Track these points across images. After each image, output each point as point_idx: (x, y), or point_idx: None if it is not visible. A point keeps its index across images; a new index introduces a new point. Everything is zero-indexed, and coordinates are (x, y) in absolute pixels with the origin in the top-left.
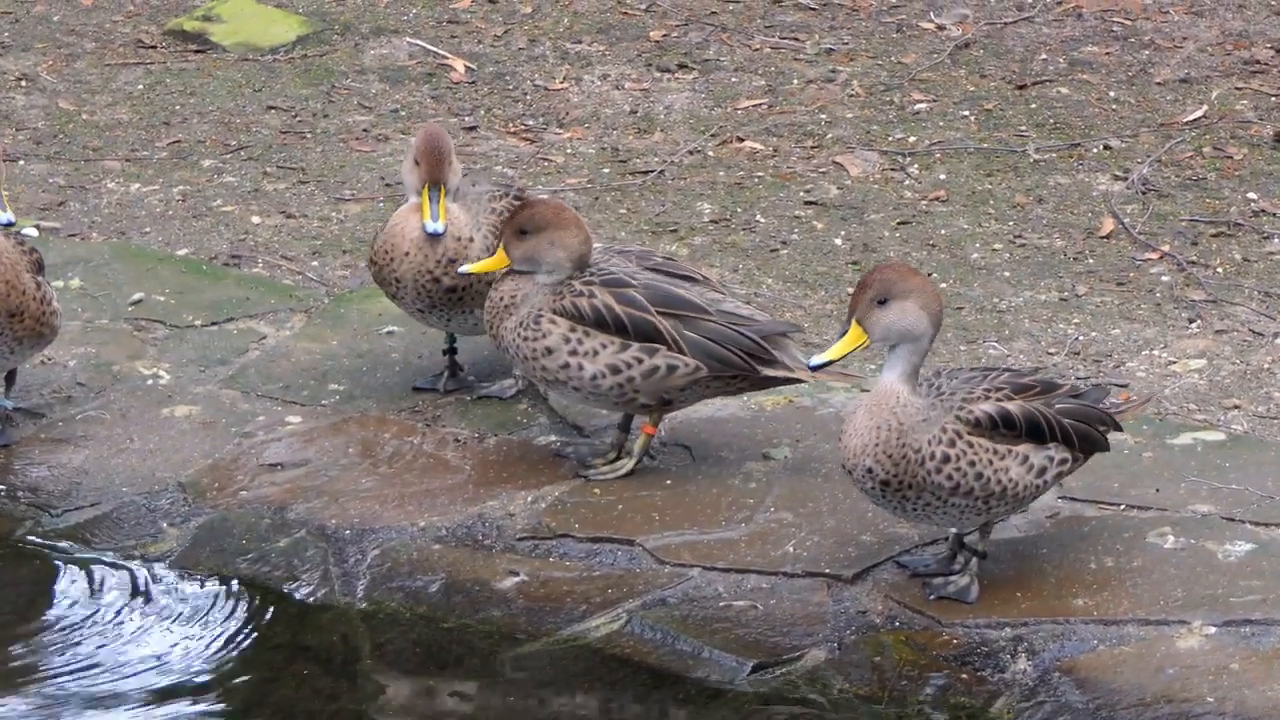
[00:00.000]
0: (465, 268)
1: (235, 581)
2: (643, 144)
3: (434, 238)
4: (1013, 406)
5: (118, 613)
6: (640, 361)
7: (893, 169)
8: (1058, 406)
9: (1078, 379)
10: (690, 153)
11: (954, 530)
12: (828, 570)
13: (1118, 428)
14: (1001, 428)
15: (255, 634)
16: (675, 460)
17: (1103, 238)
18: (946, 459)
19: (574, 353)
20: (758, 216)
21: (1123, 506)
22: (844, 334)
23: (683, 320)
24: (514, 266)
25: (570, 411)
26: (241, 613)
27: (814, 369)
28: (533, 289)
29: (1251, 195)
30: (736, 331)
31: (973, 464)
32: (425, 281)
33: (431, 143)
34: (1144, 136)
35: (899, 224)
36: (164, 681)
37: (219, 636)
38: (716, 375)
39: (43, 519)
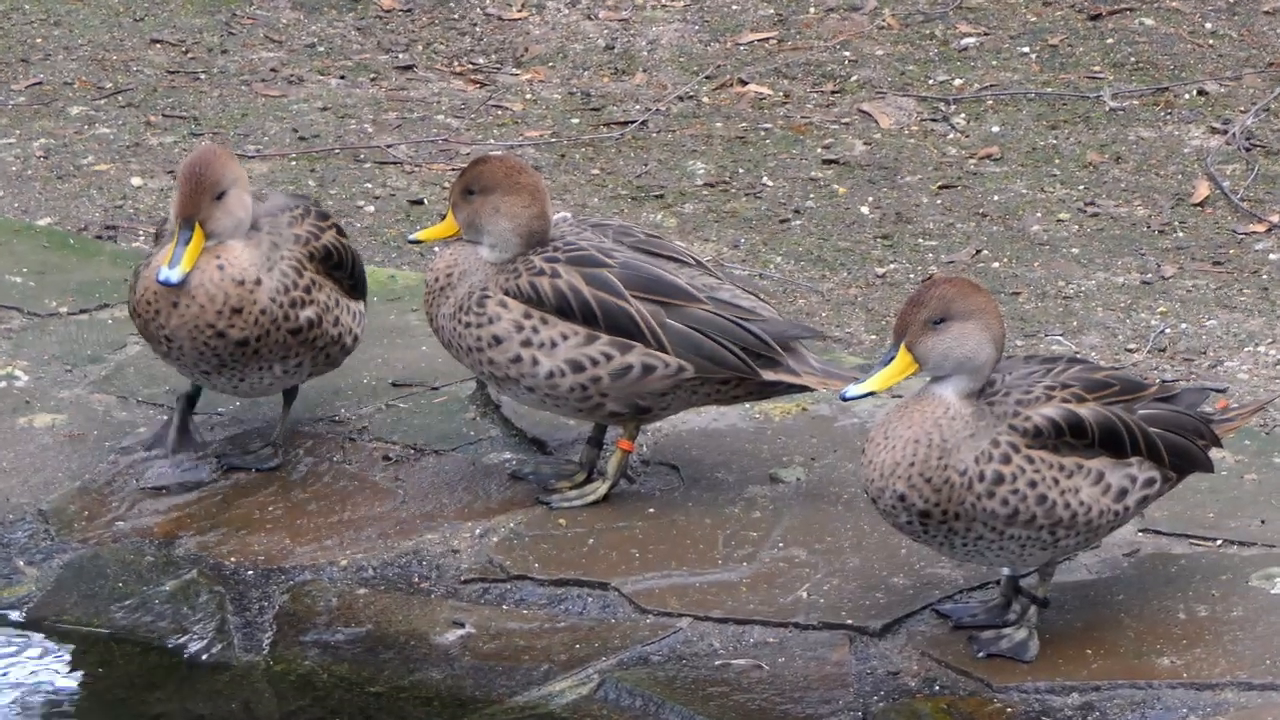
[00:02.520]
0: (414, 235)
1: (109, 635)
2: (620, 88)
3: (166, 288)
4: (1084, 410)
5: None
6: (609, 358)
7: (933, 119)
8: (1142, 412)
9: (1165, 381)
10: (680, 99)
11: (1007, 571)
12: (850, 621)
13: (1216, 443)
14: (1069, 436)
15: (132, 702)
16: (660, 483)
17: (1195, 206)
18: (1000, 479)
19: (527, 344)
20: (764, 179)
21: (1219, 542)
22: (889, 359)
23: (665, 307)
24: (462, 234)
25: (529, 421)
26: (116, 674)
27: (848, 400)
28: (475, 264)
29: None
30: (733, 323)
31: (1033, 484)
32: (206, 338)
33: (188, 169)
34: (1248, 79)
35: (940, 188)
36: None
37: (86, 706)
38: (705, 377)
39: None
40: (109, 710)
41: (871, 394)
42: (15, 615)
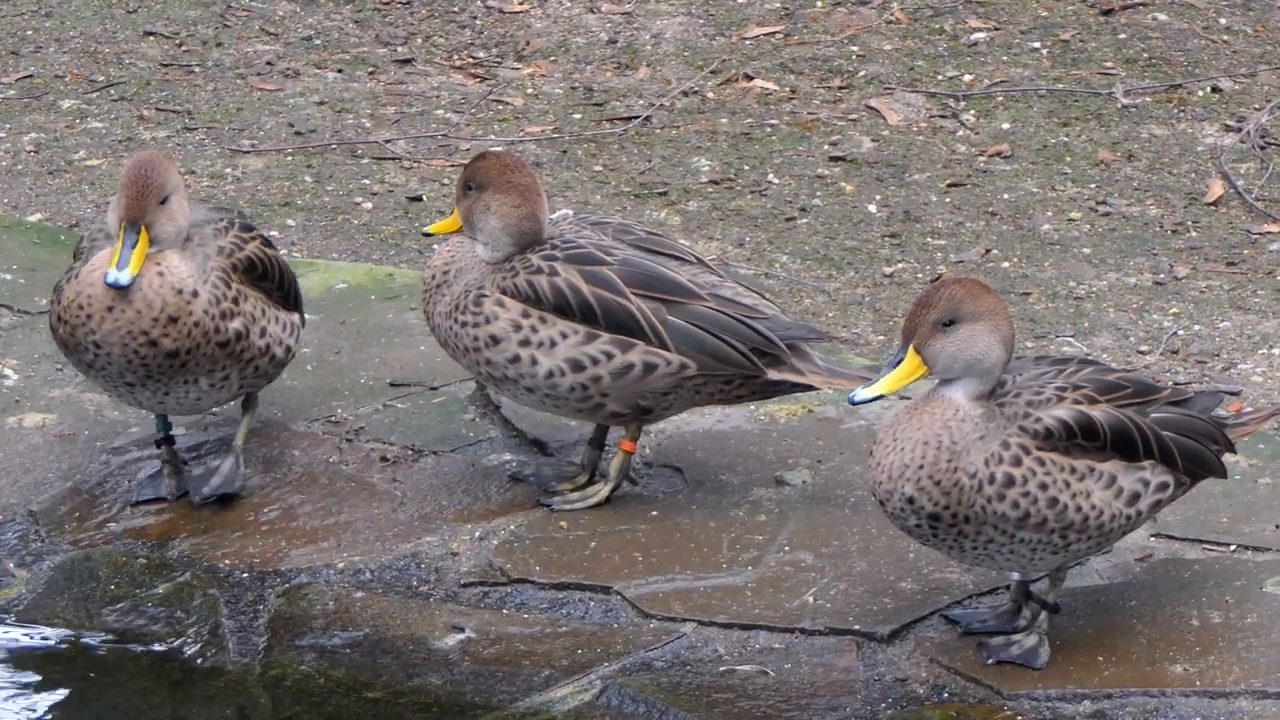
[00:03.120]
0: (428, 228)
1: (101, 638)
2: (624, 83)
3: (116, 290)
4: (1096, 412)
5: None
6: (610, 357)
7: (942, 115)
8: (1154, 416)
9: (1178, 384)
10: (684, 94)
11: (1017, 576)
12: (857, 626)
13: (1229, 447)
14: (1080, 438)
15: (124, 707)
16: (663, 485)
17: (1209, 205)
18: (1010, 481)
19: (525, 343)
20: (770, 176)
21: (1233, 547)
22: (897, 361)
23: (666, 305)
24: (464, 229)
25: (530, 422)
26: (108, 679)
27: (857, 403)
28: (471, 261)
29: None
30: (736, 320)
31: (1044, 487)
32: (138, 345)
33: (135, 171)
34: (1263, 76)
35: (949, 186)
36: None
37: (77, 711)
38: (708, 375)
39: None
40: (100, 716)
41: (880, 397)
42: (5, 618)
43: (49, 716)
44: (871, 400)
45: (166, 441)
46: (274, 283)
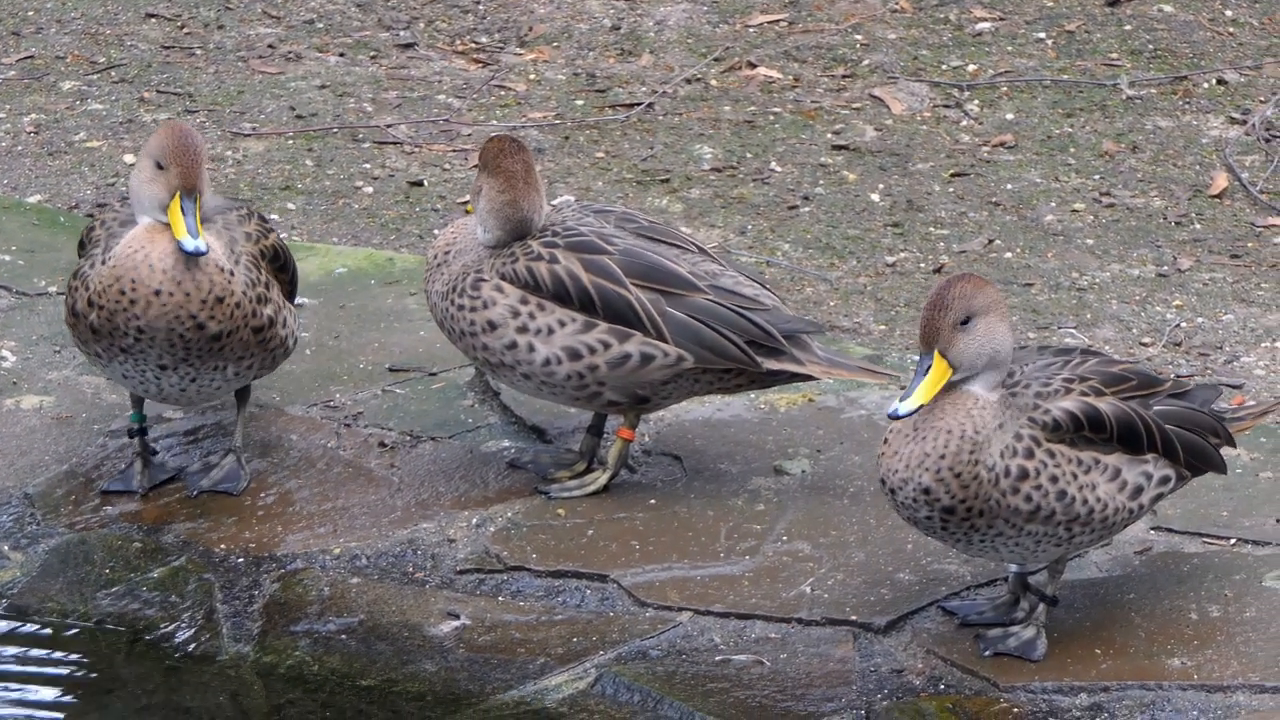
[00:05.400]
0: (463, 199)
1: (95, 623)
2: (626, 69)
3: (193, 259)
4: (1102, 404)
5: None
6: (607, 346)
7: (946, 105)
8: (1156, 408)
9: (1180, 376)
10: (687, 81)
11: (1014, 568)
12: (854, 617)
13: (1230, 441)
14: (1087, 430)
15: (118, 692)
16: (662, 474)
17: (1213, 197)
18: (1024, 474)
19: (523, 330)
20: (772, 164)
21: (1233, 541)
22: (925, 369)
23: (665, 296)
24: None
25: (528, 409)
26: (101, 664)
27: (900, 417)
28: (471, 243)
29: None
30: (734, 312)
31: (1054, 479)
32: (185, 329)
33: (183, 139)
34: (1269, 68)
35: (953, 175)
36: None
37: (71, 695)
38: (705, 368)
39: None
40: (93, 701)
41: (921, 408)
42: None
43: (43, 701)
44: (913, 413)
45: (141, 433)
46: (288, 275)
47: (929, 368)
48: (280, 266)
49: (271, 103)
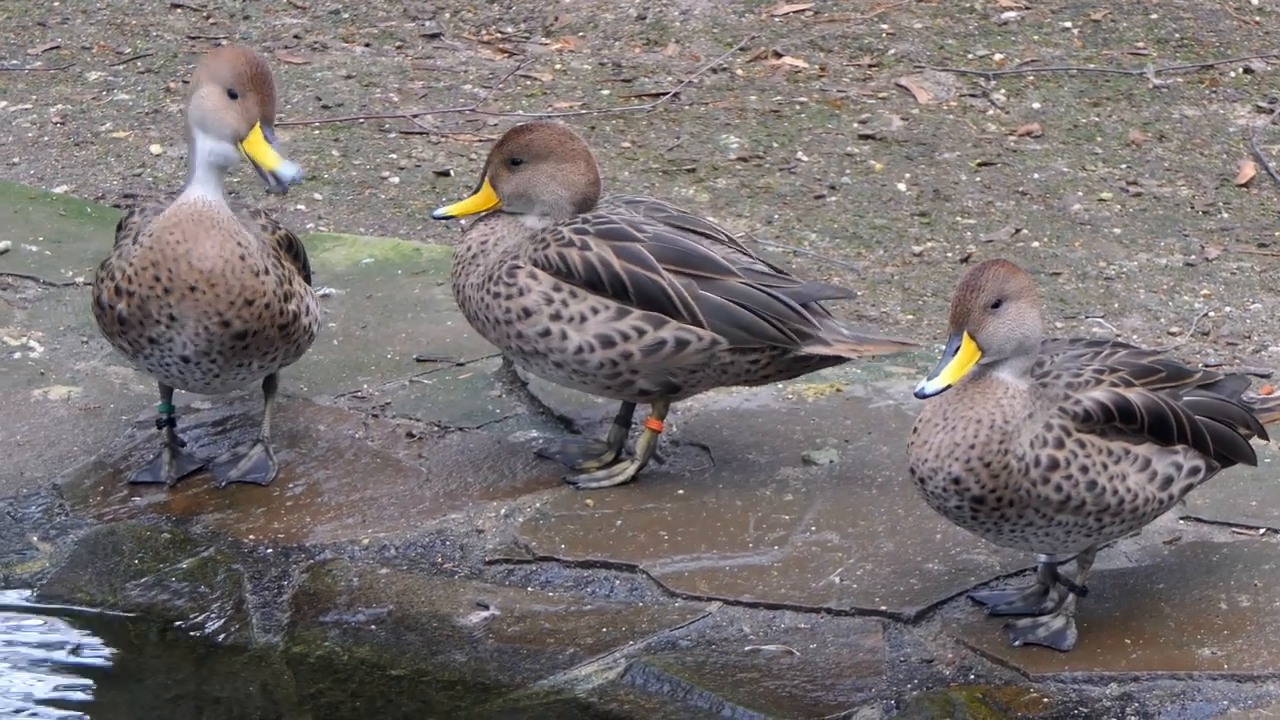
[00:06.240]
0: (441, 210)
1: (124, 613)
2: (652, 59)
3: (283, 189)
4: (1132, 395)
5: None
6: (641, 333)
7: (972, 95)
8: (1186, 399)
9: (1208, 366)
10: (713, 71)
11: (1044, 558)
12: (884, 607)
13: (1261, 432)
14: (1118, 421)
15: (148, 682)
16: (690, 464)
17: (1240, 186)
18: (1054, 465)
19: (556, 317)
20: (799, 154)
21: (1262, 531)
22: (954, 350)
23: (698, 280)
24: (504, 206)
25: (556, 399)
26: (131, 654)
27: (927, 396)
28: (510, 232)
29: None
30: (767, 293)
31: (1085, 470)
32: (211, 325)
33: (259, 65)
34: None
35: (979, 165)
36: None
37: (101, 685)
38: (739, 348)
39: None
40: (123, 691)
41: (948, 387)
42: (29, 592)
43: (73, 691)
44: (940, 392)
45: (169, 423)
46: (301, 260)
47: (958, 348)
48: (295, 254)
49: (297, 93)
